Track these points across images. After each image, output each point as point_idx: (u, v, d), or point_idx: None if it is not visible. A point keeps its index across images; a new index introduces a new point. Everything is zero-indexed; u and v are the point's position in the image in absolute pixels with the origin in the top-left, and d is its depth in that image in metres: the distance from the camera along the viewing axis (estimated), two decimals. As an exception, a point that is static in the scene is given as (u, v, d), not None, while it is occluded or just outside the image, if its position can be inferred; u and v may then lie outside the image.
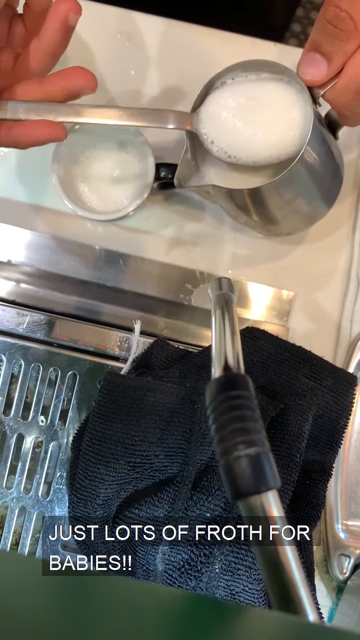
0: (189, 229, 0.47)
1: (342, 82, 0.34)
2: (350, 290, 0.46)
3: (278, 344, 0.41)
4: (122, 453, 0.36)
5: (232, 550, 0.35)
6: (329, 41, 0.33)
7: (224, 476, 0.22)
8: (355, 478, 0.44)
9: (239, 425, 0.23)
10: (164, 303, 0.46)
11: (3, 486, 0.44)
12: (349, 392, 0.40)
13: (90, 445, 0.37)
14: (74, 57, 0.48)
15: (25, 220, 0.47)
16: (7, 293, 0.46)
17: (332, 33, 0.32)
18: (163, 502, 0.36)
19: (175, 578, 0.36)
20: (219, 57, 0.48)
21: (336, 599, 0.44)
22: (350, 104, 0.35)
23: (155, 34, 0.48)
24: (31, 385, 0.44)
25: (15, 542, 0.43)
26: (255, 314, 0.46)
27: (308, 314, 0.47)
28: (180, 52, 0.48)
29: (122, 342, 0.44)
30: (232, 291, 0.33)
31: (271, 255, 0.47)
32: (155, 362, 0.42)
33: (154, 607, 0.17)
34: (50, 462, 0.44)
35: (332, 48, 0.33)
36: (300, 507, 0.38)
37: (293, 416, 0.37)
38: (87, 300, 0.46)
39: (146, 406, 0.37)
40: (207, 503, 0.35)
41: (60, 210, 0.47)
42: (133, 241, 0.47)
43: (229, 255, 0.47)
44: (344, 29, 0.32)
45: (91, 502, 0.36)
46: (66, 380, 0.44)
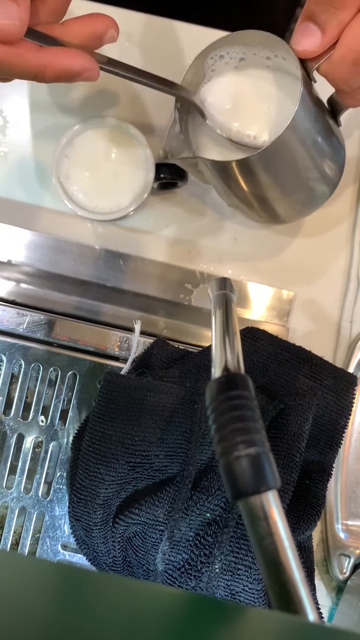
0: (189, 229, 0.47)
1: (338, 53, 0.31)
2: (350, 290, 0.46)
3: (278, 344, 0.41)
4: (122, 453, 0.36)
5: (232, 550, 0.35)
6: (323, 9, 0.30)
7: (224, 476, 0.22)
8: (355, 478, 0.44)
9: (239, 425, 0.23)
10: (164, 303, 0.46)
11: (3, 486, 0.44)
12: (349, 392, 0.40)
13: (91, 445, 0.37)
14: (74, 57, 0.48)
15: (25, 220, 0.47)
16: (7, 293, 0.46)
17: (327, 0, 0.30)
18: (163, 502, 0.36)
19: (175, 578, 0.36)
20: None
21: (336, 599, 0.44)
22: (347, 77, 0.32)
23: (155, 34, 0.48)
24: (31, 385, 0.44)
25: (15, 542, 0.43)
26: (255, 314, 0.46)
27: (308, 314, 0.46)
28: (180, 52, 0.48)
29: (122, 342, 0.44)
30: (232, 291, 0.33)
31: (271, 255, 0.47)
32: (155, 362, 0.42)
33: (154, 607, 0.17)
34: (50, 462, 0.44)
35: (327, 16, 0.30)
36: (300, 507, 0.38)
37: (293, 416, 0.37)
38: (87, 300, 0.46)
39: (146, 406, 0.37)
40: (207, 503, 0.35)
41: (60, 210, 0.47)
42: (133, 241, 0.47)
43: (229, 255, 0.47)
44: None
45: (91, 502, 0.36)
46: (66, 380, 0.44)
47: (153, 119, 0.47)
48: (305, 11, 0.31)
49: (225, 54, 0.39)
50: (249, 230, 0.47)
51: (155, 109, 0.47)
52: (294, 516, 0.37)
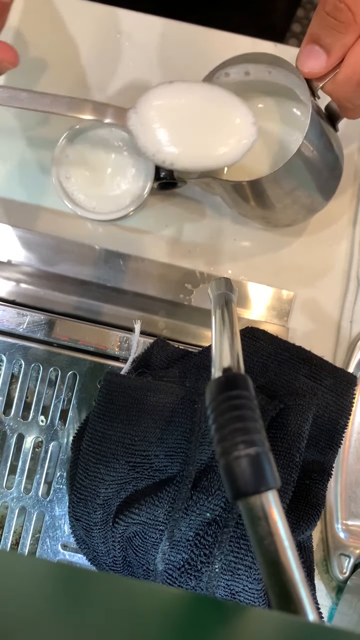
0: (189, 228, 0.47)
1: (343, 73, 0.34)
2: (350, 290, 0.46)
3: (278, 344, 0.41)
4: (122, 453, 0.36)
5: (232, 550, 0.35)
6: (328, 33, 0.33)
7: (224, 476, 0.22)
8: (355, 478, 0.44)
9: (239, 425, 0.23)
10: (164, 303, 0.46)
11: (3, 486, 0.44)
12: (349, 392, 0.40)
13: (90, 445, 0.37)
14: (74, 57, 0.48)
15: (25, 220, 0.47)
16: (7, 293, 0.46)
17: (332, 25, 0.32)
18: (163, 502, 0.36)
19: (175, 578, 0.36)
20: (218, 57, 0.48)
21: (336, 599, 0.44)
22: (351, 96, 0.35)
23: (155, 34, 0.48)
24: (31, 385, 0.44)
25: (15, 542, 0.43)
26: (255, 314, 0.46)
27: (308, 314, 0.47)
28: (180, 52, 0.48)
29: (122, 342, 0.44)
30: (232, 291, 0.33)
31: (271, 255, 0.47)
32: (155, 362, 0.42)
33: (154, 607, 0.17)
34: (50, 462, 0.44)
35: (331, 39, 0.33)
36: (300, 507, 0.38)
37: (293, 416, 0.37)
38: (87, 300, 0.46)
39: (146, 406, 0.37)
40: (207, 503, 0.35)
41: (60, 210, 0.47)
42: (133, 241, 0.47)
43: (229, 255, 0.47)
44: (343, 21, 0.32)
45: (91, 502, 0.36)
46: (66, 380, 0.44)
47: (153, 119, 0.47)
48: (310, 34, 0.34)
49: (232, 72, 0.40)
50: (248, 230, 0.47)
51: (155, 109, 0.48)
52: (294, 516, 0.37)
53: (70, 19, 0.48)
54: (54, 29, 0.48)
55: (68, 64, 0.48)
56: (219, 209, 0.47)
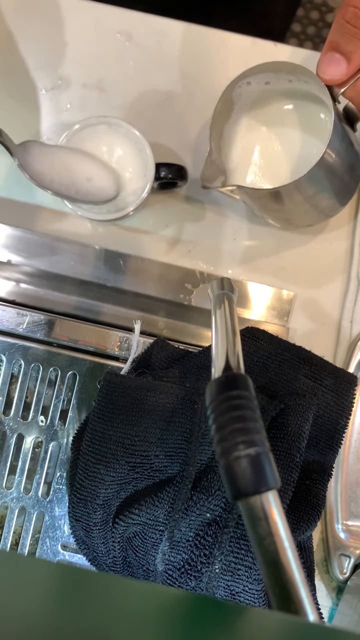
0: (189, 228, 0.47)
1: None
2: (350, 290, 0.46)
3: (278, 344, 0.41)
4: (122, 453, 0.36)
5: (232, 551, 0.35)
6: (347, 40, 0.34)
7: (224, 476, 0.22)
8: (355, 478, 0.44)
9: (239, 425, 0.23)
10: (164, 303, 0.46)
11: (3, 486, 0.44)
12: (349, 392, 0.40)
13: (90, 445, 0.37)
14: (74, 57, 0.48)
15: (25, 220, 0.47)
16: (7, 293, 0.46)
17: (351, 32, 0.33)
18: (163, 502, 0.36)
19: (175, 578, 0.36)
20: (218, 57, 0.48)
21: (336, 599, 0.44)
22: None
23: (155, 34, 0.48)
24: (31, 385, 0.44)
25: (15, 542, 0.43)
26: (255, 314, 0.46)
27: (308, 314, 0.46)
28: (180, 52, 0.48)
29: (122, 342, 0.44)
30: (232, 291, 0.33)
31: (271, 255, 0.47)
32: (155, 362, 0.42)
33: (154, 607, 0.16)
34: (50, 462, 0.44)
35: (352, 47, 0.34)
36: (300, 507, 0.38)
37: (293, 416, 0.37)
38: (87, 300, 0.46)
39: (146, 406, 0.37)
40: (207, 503, 0.35)
41: (60, 210, 0.47)
42: (133, 241, 0.47)
43: (229, 255, 0.47)
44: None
45: (91, 502, 0.36)
46: (66, 380, 0.44)
47: (153, 119, 0.47)
48: (330, 42, 0.35)
49: (253, 81, 0.41)
50: (249, 230, 0.47)
51: (156, 109, 0.48)
52: (294, 516, 0.37)
53: (70, 19, 0.48)
54: (54, 29, 0.48)
55: (68, 63, 0.48)
56: (219, 209, 0.47)
